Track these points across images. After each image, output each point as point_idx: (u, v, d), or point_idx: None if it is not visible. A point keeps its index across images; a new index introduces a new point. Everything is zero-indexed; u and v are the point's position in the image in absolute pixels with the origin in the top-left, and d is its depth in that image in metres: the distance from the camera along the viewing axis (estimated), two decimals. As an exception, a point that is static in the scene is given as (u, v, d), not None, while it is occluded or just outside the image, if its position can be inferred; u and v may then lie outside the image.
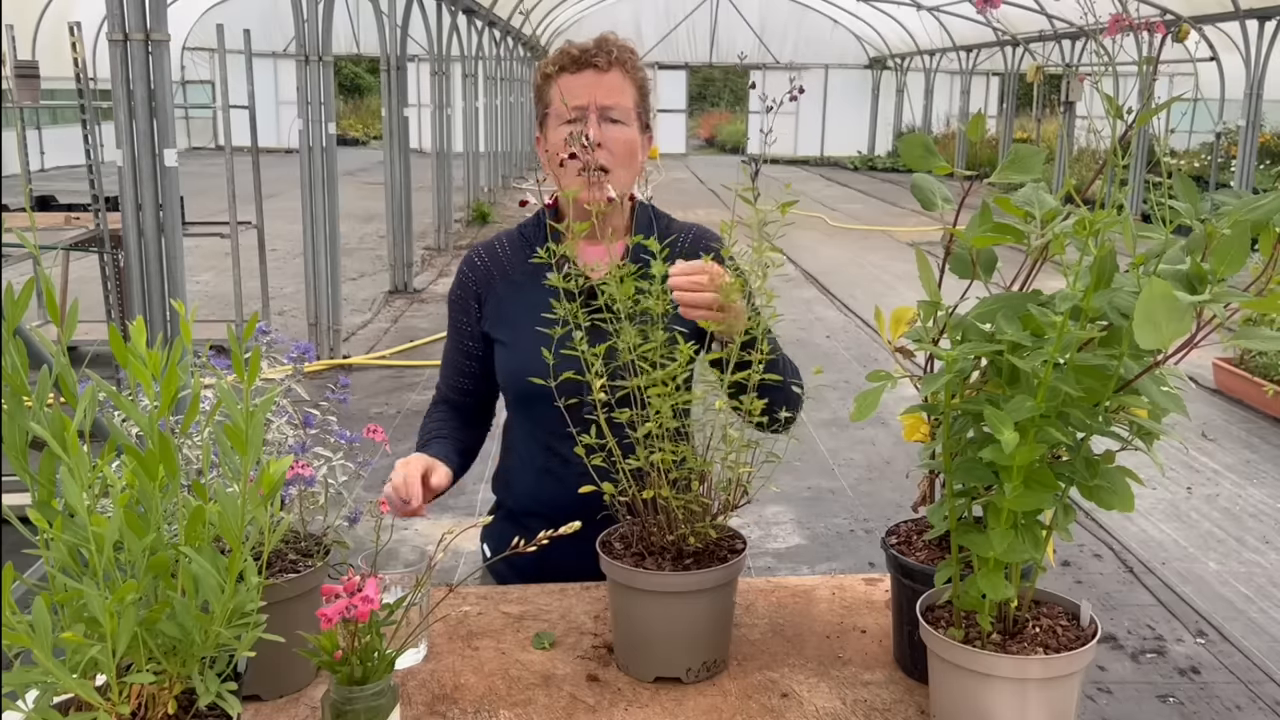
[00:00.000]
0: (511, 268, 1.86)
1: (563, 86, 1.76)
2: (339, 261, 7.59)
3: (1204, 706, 3.36)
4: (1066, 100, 16.18)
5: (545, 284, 1.55)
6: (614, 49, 1.77)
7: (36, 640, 0.88)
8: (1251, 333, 1.09)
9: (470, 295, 1.87)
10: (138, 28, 4.24)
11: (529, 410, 1.83)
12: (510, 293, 1.84)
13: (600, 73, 1.75)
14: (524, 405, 1.84)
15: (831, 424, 6.21)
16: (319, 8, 7.08)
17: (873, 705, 1.36)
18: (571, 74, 1.76)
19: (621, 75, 1.77)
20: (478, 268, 1.88)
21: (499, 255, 1.88)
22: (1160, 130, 1.33)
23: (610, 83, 1.75)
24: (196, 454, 1.32)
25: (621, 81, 1.77)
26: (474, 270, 1.88)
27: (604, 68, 1.75)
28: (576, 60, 1.76)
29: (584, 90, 1.75)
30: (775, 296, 1.45)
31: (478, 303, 1.86)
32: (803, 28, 25.92)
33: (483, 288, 1.86)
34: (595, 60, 1.75)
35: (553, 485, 1.80)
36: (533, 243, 1.85)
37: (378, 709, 1.10)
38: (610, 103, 1.75)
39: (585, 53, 1.76)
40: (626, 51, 1.79)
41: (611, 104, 1.75)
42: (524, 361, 1.78)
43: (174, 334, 4.32)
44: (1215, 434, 6.11)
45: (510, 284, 1.85)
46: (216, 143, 22.90)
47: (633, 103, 1.78)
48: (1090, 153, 16.58)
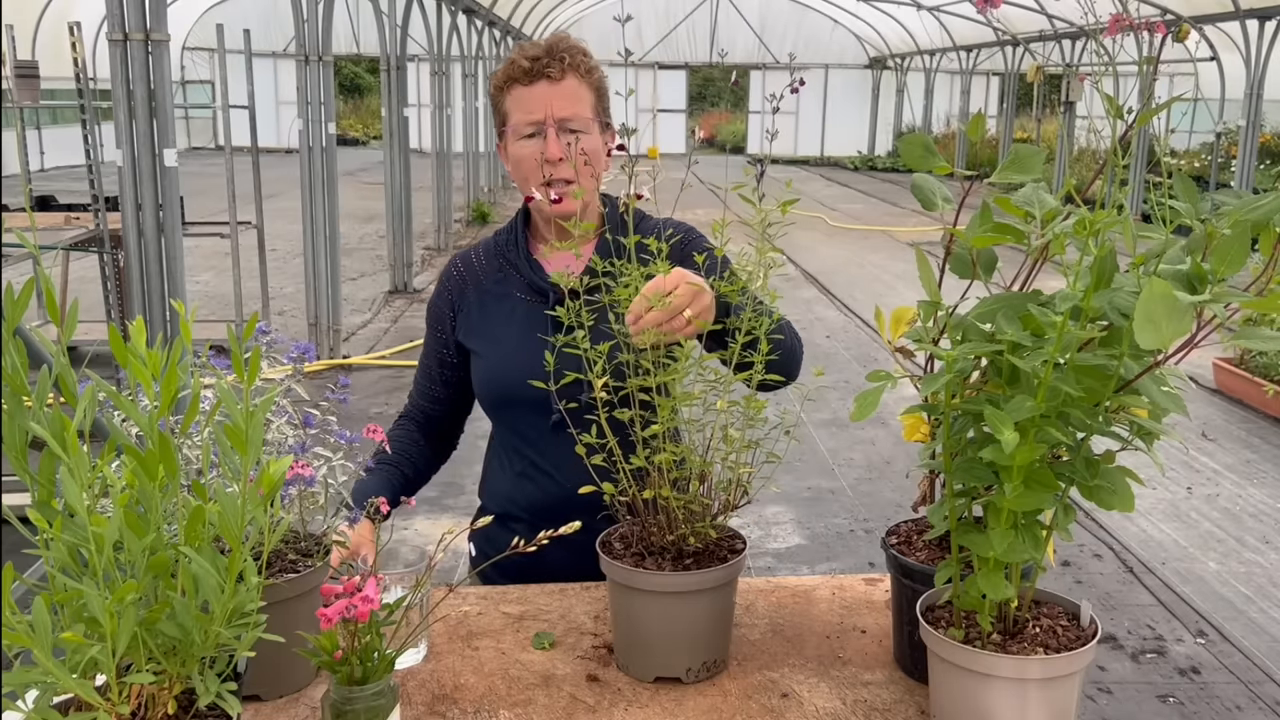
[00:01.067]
0: (485, 276, 1.85)
1: (517, 99, 1.73)
2: (339, 261, 7.60)
3: (1204, 707, 3.36)
4: (1066, 100, 16.18)
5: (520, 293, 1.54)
6: (565, 55, 1.72)
7: (36, 640, 0.88)
8: (1251, 333, 1.09)
9: (446, 304, 1.86)
10: (138, 28, 4.24)
11: (504, 417, 1.84)
12: (483, 301, 1.84)
13: (554, 83, 1.71)
14: (499, 412, 1.84)
15: (831, 424, 6.21)
16: (319, 8, 7.08)
17: (873, 705, 1.36)
18: (525, 85, 1.72)
19: (576, 81, 1.73)
20: (454, 278, 1.87)
21: (474, 265, 1.87)
22: (1160, 130, 1.33)
23: (566, 92, 1.71)
24: (196, 454, 1.32)
25: (577, 88, 1.73)
26: (450, 280, 1.88)
27: (557, 77, 1.71)
28: (529, 71, 1.71)
29: (539, 103, 1.71)
30: (779, 297, 1.44)
31: (452, 311, 1.86)
32: (803, 28, 25.91)
33: (457, 297, 1.86)
34: (548, 70, 1.71)
35: (530, 489, 1.81)
36: (505, 251, 1.85)
37: (378, 709, 1.10)
38: (568, 114, 1.71)
39: (536, 62, 1.71)
40: (579, 54, 1.74)
41: (569, 115, 1.71)
42: (497, 370, 1.78)
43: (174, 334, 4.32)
44: (1215, 434, 6.11)
45: (483, 292, 1.84)
46: (216, 143, 22.91)
47: (591, 109, 1.75)
48: (1090, 153, 16.58)
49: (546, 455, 1.79)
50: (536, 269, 1.82)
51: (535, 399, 1.64)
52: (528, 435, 1.80)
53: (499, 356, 1.80)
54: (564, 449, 1.76)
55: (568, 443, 1.75)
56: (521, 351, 1.77)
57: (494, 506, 1.87)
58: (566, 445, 1.75)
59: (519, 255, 1.83)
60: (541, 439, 1.78)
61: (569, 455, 1.75)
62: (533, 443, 1.79)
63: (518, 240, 1.84)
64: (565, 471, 1.76)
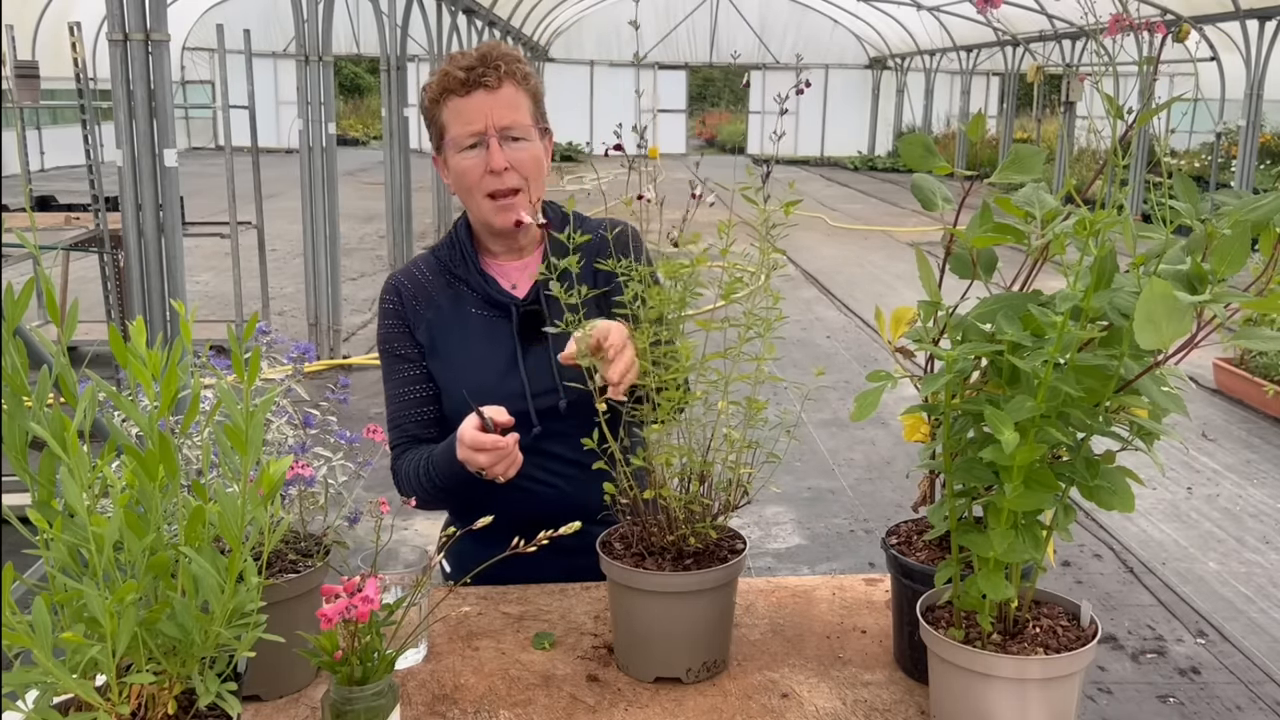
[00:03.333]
0: (436, 293, 1.81)
1: (455, 110, 1.70)
2: (339, 261, 7.59)
3: (1204, 707, 3.36)
4: (1066, 100, 16.18)
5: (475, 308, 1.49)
6: (500, 62, 1.70)
7: (36, 640, 0.88)
8: (1251, 333, 1.09)
9: (399, 326, 1.80)
10: (138, 28, 4.24)
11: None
12: (439, 319, 1.79)
13: (491, 91, 1.69)
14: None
15: (831, 424, 6.21)
16: (319, 8, 7.09)
17: (873, 705, 1.36)
18: (461, 96, 1.70)
19: (514, 88, 1.71)
20: (401, 298, 1.81)
21: (421, 282, 1.82)
22: (1160, 130, 1.33)
23: (504, 100, 1.69)
24: (196, 454, 1.32)
25: (515, 95, 1.71)
26: (394, 303, 1.81)
27: (495, 86, 1.68)
28: (465, 82, 1.69)
29: (478, 113, 1.69)
30: (780, 298, 1.44)
31: (409, 328, 1.80)
32: (803, 28, 25.91)
33: (410, 316, 1.80)
34: (485, 80, 1.68)
35: (515, 501, 1.75)
36: (447, 265, 1.81)
37: (378, 709, 1.10)
38: (508, 122, 1.69)
39: (472, 72, 1.68)
40: (514, 61, 1.72)
41: (510, 123, 1.70)
42: (469, 387, 1.71)
43: (174, 334, 4.32)
44: (1215, 434, 6.11)
45: (436, 309, 1.80)
46: (216, 143, 22.90)
47: (530, 115, 1.73)
48: (1090, 153, 16.58)
49: (535, 465, 1.76)
50: (491, 282, 1.79)
51: (512, 414, 1.61)
52: None
53: (467, 374, 1.75)
54: (545, 460, 1.75)
55: (547, 454, 1.73)
56: (488, 367, 1.74)
57: (469, 522, 1.83)
58: (546, 456, 1.74)
59: (469, 270, 1.79)
60: (527, 451, 1.75)
61: (552, 465, 1.73)
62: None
63: (465, 255, 1.80)
64: (550, 481, 1.75)
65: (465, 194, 1.75)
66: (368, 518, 1.37)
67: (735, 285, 1.42)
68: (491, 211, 1.73)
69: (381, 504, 1.41)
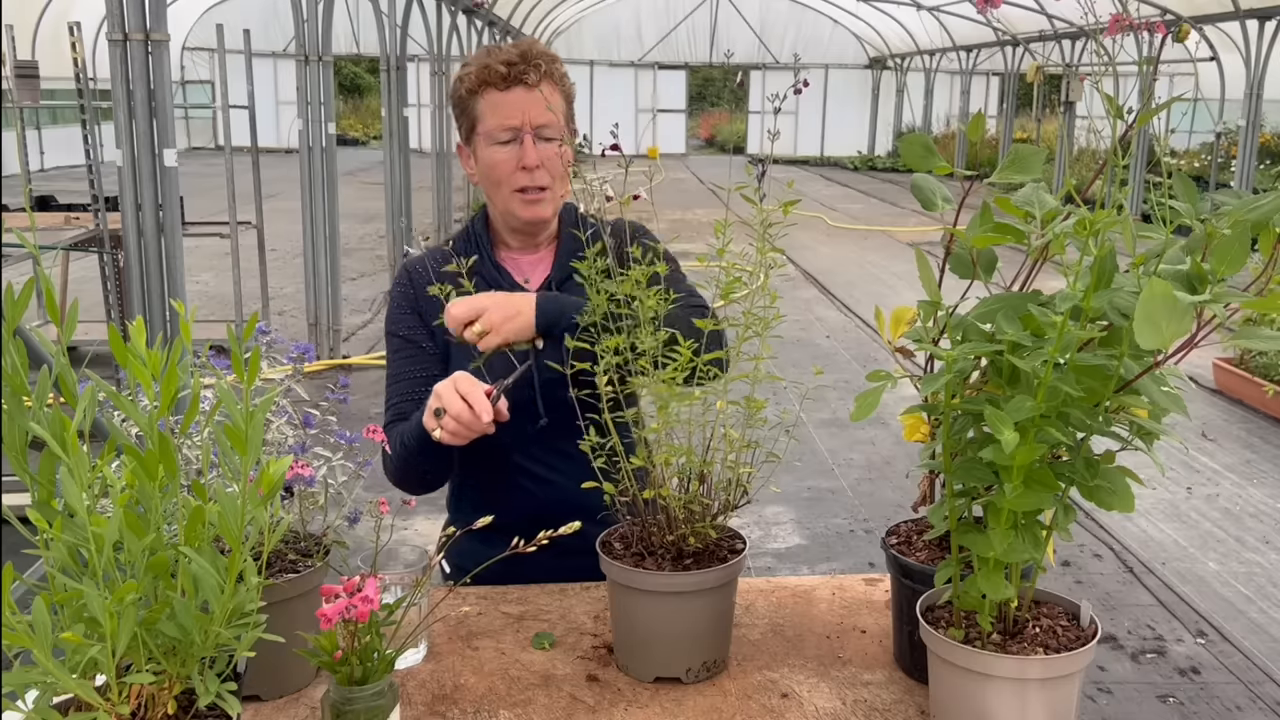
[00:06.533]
0: (448, 280, 1.77)
1: (493, 104, 1.72)
2: (339, 261, 7.59)
3: (1204, 707, 3.36)
4: (1066, 100, 16.18)
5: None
6: (541, 61, 1.72)
7: (36, 640, 0.88)
8: (1251, 333, 1.09)
9: (410, 311, 1.80)
10: (137, 28, 4.24)
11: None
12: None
13: (530, 89, 1.70)
14: None
15: (831, 424, 6.21)
16: (319, 8, 7.08)
17: (873, 705, 1.36)
18: (500, 91, 1.71)
19: (551, 88, 1.73)
20: (414, 282, 1.81)
21: (434, 269, 1.81)
22: (1160, 130, 1.33)
23: (541, 99, 1.70)
24: (196, 454, 1.32)
25: (551, 95, 1.72)
26: (408, 286, 1.81)
27: (534, 83, 1.70)
28: (505, 76, 1.70)
29: (515, 109, 1.70)
30: (778, 297, 1.44)
31: (419, 313, 1.80)
32: (803, 28, 25.92)
33: (423, 300, 1.79)
34: (525, 77, 1.70)
35: (520, 496, 1.77)
36: (462, 256, 1.77)
37: (378, 709, 1.10)
38: (544, 121, 1.71)
39: (513, 67, 1.70)
40: (552, 61, 1.74)
41: (545, 122, 1.71)
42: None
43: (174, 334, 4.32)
44: (1215, 434, 6.11)
45: (449, 297, 1.77)
46: (216, 143, 22.90)
47: (563, 116, 1.75)
48: (1090, 153, 16.58)
49: (537, 460, 1.77)
50: (505, 274, 1.80)
51: (517, 403, 1.62)
52: (515, 441, 1.75)
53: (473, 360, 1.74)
54: (552, 452, 1.75)
55: (554, 447, 1.74)
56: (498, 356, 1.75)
57: (473, 520, 1.83)
58: (554, 449, 1.75)
59: (484, 262, 1.80)
60: (531, 444, 1.76)
61: (560, 457, 1.74)
62: (522, 449, 1.77)
63: (480, 246, 1.82)
64: (559, 474, 1.75)
65: (493, 186, 1.76)
66: (367, 518, 1.37)
67: (734, 285, 1.42)
68: (520, 205, 1.75)
69: (381, 504, 1.41)
